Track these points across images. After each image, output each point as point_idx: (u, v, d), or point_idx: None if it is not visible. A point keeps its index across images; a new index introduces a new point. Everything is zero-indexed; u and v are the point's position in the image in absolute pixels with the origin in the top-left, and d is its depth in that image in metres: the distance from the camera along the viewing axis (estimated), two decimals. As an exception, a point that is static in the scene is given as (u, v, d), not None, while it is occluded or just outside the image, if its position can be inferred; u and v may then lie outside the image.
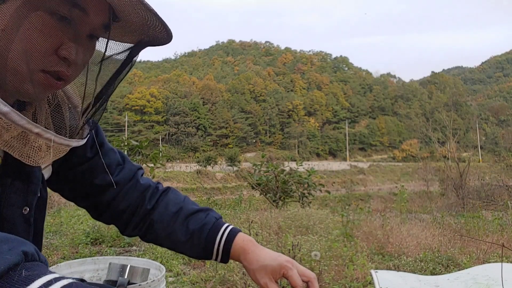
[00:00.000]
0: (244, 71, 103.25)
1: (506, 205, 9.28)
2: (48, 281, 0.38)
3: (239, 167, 37.74)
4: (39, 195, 0.72)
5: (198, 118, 73.59)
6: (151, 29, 0.65)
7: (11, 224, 0.66)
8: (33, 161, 0.62)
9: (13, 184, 0.66)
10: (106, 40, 0.64)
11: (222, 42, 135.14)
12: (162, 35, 0.66)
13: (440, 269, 4.05)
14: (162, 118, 73.30)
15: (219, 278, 3.54)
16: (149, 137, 50.10)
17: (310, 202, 9.63)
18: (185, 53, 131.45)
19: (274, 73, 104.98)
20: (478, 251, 4.64)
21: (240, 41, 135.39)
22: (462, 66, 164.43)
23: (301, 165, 10.42)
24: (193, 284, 3.63)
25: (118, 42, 0.69)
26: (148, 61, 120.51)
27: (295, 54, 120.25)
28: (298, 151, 75.39)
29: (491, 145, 75.63)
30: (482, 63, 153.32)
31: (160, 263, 2.41)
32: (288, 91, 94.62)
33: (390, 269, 4.09)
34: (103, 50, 0.66)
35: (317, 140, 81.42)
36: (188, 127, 71.63)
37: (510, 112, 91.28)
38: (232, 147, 68.24)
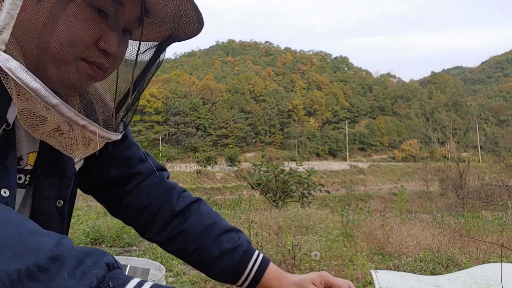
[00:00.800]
0: (244, 71, 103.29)
1: (506, 205, 9.28)
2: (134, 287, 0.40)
3: (239, 167, 37.69)
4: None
5: (198, 118, 73.60)
6: (182, 19, 0.64)
7: (46, 216, 0.68)
8: (71, 152, 0.63)
9: (47, 178, 0.67)
10: (139, 34, 0.65)
11: (222, 42, 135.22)
12: (193, 24, 0.66)
13: (440, 269, 4.05)
14: (162, 118, 73.31)
15: (219, 278, 3.54)
16: (149, 137, 49.80)
17: (310, 202, 9.62)
18: (185, 53, 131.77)
19: (274, 73, 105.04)
20: (478, 251, 4.64)
21: (240, 41, 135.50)
22: (462, 66, 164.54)
23: (301, 165, 10.43)
24: (193, 284, 3.63)
25: (148, 35, 0.70)
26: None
27: (295, 54, 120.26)
28: (298, 151, 75.42)
29: (491, 145, 75.63)
30: (482, 63, 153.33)
31: (160, 263, 2.41)
32: (288, 91, 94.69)
33: (390, 269, 4.10)
34: (135, 46, 0.68)
35: (317, 140, 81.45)
36: (188, 127, 71.64)
37: (510, 112, 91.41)
38: (232, 147, 68.29)
